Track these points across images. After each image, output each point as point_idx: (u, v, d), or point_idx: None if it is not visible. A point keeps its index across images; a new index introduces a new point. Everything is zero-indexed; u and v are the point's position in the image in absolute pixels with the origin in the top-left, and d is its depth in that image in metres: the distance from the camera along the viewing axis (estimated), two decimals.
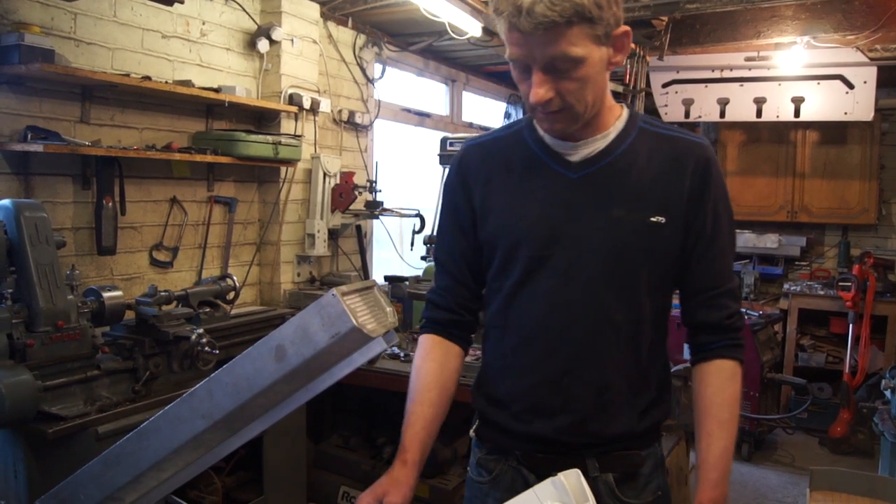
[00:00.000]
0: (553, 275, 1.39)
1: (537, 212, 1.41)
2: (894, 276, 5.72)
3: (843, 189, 5.76)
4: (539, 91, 1.27)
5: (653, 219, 1.37)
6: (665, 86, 5.23)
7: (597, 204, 1.38)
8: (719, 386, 1.42)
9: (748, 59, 4.97)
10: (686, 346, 1.53)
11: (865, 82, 4.81)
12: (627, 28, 1.31)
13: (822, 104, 4.96)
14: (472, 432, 1.57)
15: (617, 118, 1.43)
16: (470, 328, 1.58)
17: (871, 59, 4.69)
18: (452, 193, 1.54)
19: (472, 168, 1.50)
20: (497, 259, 1.46)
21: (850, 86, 4.84)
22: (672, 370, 3.51)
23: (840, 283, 5.27)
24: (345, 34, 4.23)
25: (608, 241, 1.37)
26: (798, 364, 5.59)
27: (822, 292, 5.57)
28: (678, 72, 5.19)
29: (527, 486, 1.37)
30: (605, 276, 1.38)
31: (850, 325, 5.17)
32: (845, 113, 4.92)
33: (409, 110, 5.05)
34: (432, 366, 1.51)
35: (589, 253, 1.38)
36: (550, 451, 1.43)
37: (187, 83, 3.12)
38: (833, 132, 5.71)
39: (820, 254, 6.21)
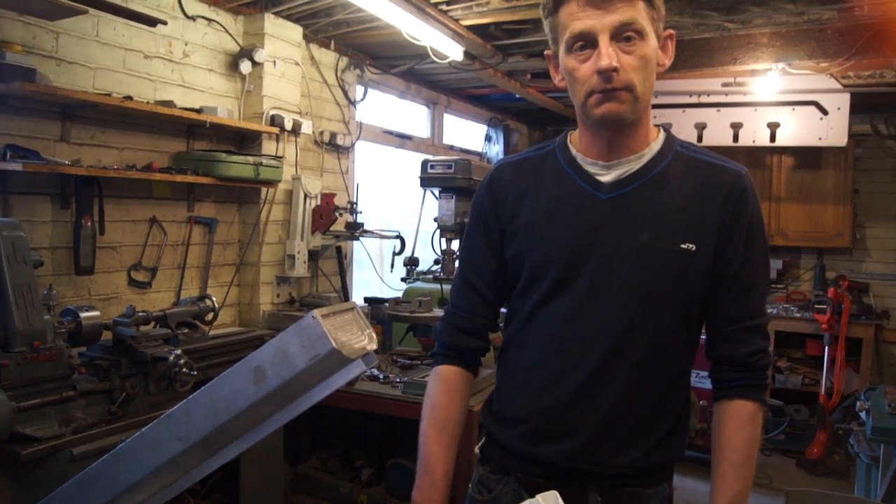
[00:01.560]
0: (575, 297, 1.38)
1: (564, 232, 1.39)
2: (869, 299, 5.81)
3: (818, 213, 5.84)
4: (608, 56, 1.25)
5: (683, 246, 1.34)
6: None
7: (625, 227, 1.36)
8: (737, 427, 1.36)
9: (725, 84, 5.05)
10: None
11: (839, 108, 4.90)
12: (672, 31, 1.37)
13: (797, 130, 5.06)
14: (477, 449, 1.55)
15: (654, 140, 1.42)
16: (485, 353, 1.57)
17: (845, 85, 4.79)
18: (482, 210, 1.52)
19: (504, 185, 1.49)
20: (523, 278, 1.45)
21: (825, 112, 4.93)
22: None
23: (816, 306, 5.33)
24: (327, 56, 4.25)
25: (634, 266, 1.35)
26: (775, 386, 5.63)
27: (798, 315, 5.63)
28: (656, 96, 5.25)
29: None
30: (628, 302, 1.35)
31: (826, 348, 5.22)
32: (820, 138, 5.02)
33: (390, 132, 5.07)
34: (461, 407, 1.51)
35: (613, 277, 1.36)
36: (552, 477, 1.38)
37: (169, 103, 3.12)
38: (808, 157, 5.80)
39: (796, 277, 6.29)
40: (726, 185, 1.38)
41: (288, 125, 3.71)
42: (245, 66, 3.56)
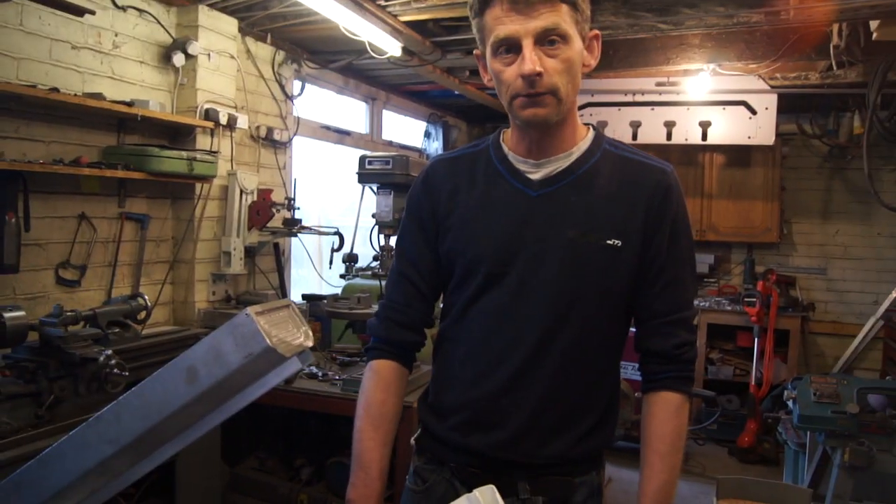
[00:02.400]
0: (505, 292, 1.40)
1: (495, 229, 1.42)
2: (795, 292, 6.02)
3: (748, 209, 6.02)
4: (532, 61, 1.27)
5: (608, 241, 1.38)
6: (580, 108, 5.37)
7: (553, 224, 1.39)
8: (664, 418, 1.41)
9: (659, 84, 5.17)
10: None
11: (767, 108, 5.07)
12: (598, 32, 1.38)
13: (728, 129, 5.21)
14: (413, 440, 1.57)
15: (582, 138, 1.45)
16: (420, 348, 1.58)
17: (772, 86, 4.95)
18: (418, 206, 1.53)
19: (438, 182, 1.51)
20: (456, 273, 1.47)
21: (753, 112, 5.10)
22: None
23: (746, 299, 5.50)
24: (263, 50, 4.19)
25: (561, 262, 1.38)
26: (708, 377, 5.79)
27: (729, 308, 5.79)
28: (593, 95, 5.35)
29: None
30: (556, 297, 1.38)
31: (756, 339, 5.39)
32: (749, 137, 5.18)
33: (328, 128, 5.03)
34: (396, 402, 1.51)
35: (541, 273, 1.39)
36: (483, 467, 1.42)
37: (98, 96, 3.02)
38: (738, 155, 5.97)
39: (727, 271, 6.48)
40: (651, 183, 1.42)
41: (223, 119, 3.64)
42: (178, 59, 3.47)
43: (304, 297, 4.01)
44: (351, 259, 3.77)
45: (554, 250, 1.38)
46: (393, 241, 3.73)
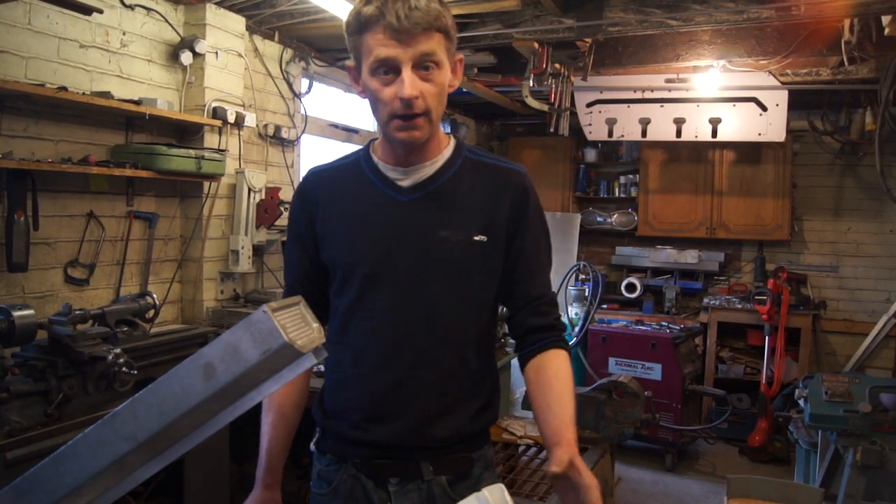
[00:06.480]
0: (387, 292, 1.50)
1: (372, 233, 1.52)
2: (806, 290, 5.99)
3: (759, 206, 5.99)
4: (411, 86, 1.36)
5: (476, 237, 1.51)
6: (589, 105, 5.35)
7: (425, 225, 1.50)
8: (561, 365, 1.52)
9: (668, 80, 5.13)
10: (607, 360, 1.56)
11: (777, 105, 5.03)
12: (462, 56, 1.52)
13: (738, 125, 5.17)
14: (312, 445, 1.64)
15: (445, 147, 1.56)
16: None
17: (783, 83, 4.91)
18: (297, 219, 1.63)
19: (313, 195, 1.60)
20: (336, 279, 1.56)
21: (764, 108, 5.06)
22: (596, 384, 3.54)
23: (756, 297, 5.48)
24: (271, 48, 4.18)
25: (437, 259, 1.50)
26: (718, 376, 5.77)
27: (739, 306, 5.76)
28: (602, 92, 5.32)
29: (365, 493, 1.52)
30: (435, 291, 1.50)
31: (766, 338, 5.36)
32: (759, 134, 5.14)
33: (336, 126, 5.02)
34: (286, 388, 1.55)
35: (420, 270, 1.50)
36: (387, 456, 1.51)
37: (106, 95, 3.02)
38: (748, 152, 5.94)
39: (737, 269, 6.45)
40: (511, 184, 1.57)
41: (231, 118, 3.63)
42: (186, 58, 3.47)
43: None
44: None
45: (428, 249, 1.50)
46: None
